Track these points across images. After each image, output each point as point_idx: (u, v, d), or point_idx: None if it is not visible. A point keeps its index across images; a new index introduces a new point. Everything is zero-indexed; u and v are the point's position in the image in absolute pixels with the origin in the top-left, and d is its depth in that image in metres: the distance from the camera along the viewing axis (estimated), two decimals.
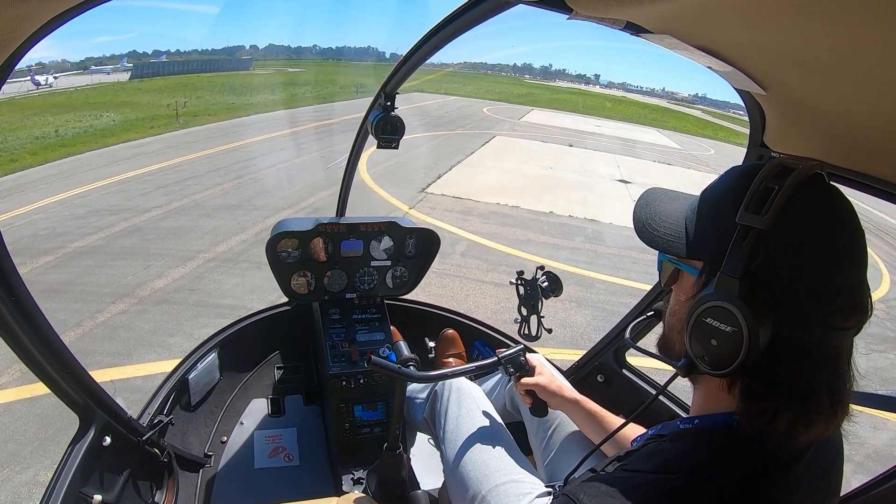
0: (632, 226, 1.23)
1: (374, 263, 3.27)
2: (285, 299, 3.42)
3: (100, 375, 5.23)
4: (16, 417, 4.88)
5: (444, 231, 10.81)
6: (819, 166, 1.00)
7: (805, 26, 0.85)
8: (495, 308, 7.77)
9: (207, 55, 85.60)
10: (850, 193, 1.08)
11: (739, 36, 1.06)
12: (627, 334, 1.55)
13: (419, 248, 3.35)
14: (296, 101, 37.37)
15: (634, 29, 1.20)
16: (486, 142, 25.27)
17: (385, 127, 2.53)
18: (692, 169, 27.82)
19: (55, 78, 44.30)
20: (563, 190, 16.89)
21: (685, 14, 1.02)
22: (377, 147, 2.58)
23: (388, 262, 3.30)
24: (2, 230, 1.45)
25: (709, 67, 1.35)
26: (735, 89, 1.56)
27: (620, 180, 20.49)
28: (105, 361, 5.76)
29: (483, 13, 1.56)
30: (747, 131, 1.90)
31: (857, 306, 0.96)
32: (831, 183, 1.02)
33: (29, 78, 41.24)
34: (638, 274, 9.93)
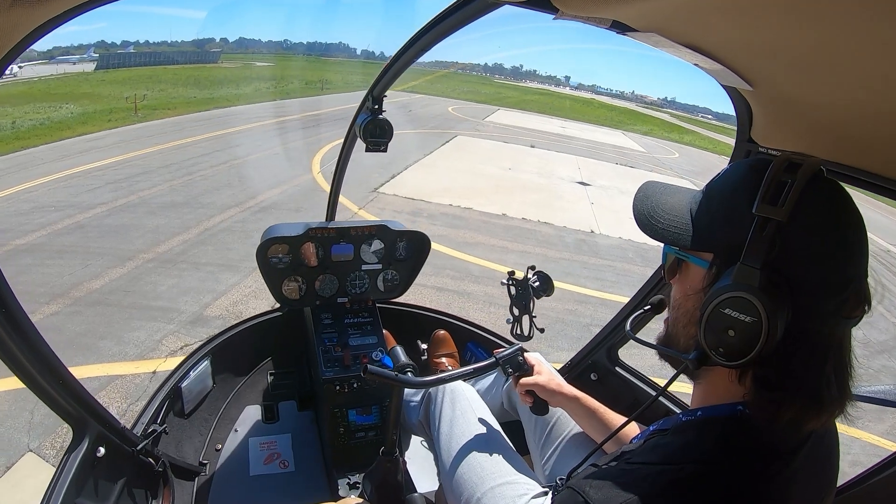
0: (584, 230, 1.21)
1: (364, 267, 3.26)
2: (277, 305, 3.39)
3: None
4: None
5: None
6: (820, 163, 1.03)
7: (791, 22, 0.87)
8: None
9: (176, 47, 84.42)
10: None
11: (726, 33, 1.08)
12: (628, 327, 1.53)
13: (410, 250, 3.35)
14: (259, 96, 37.07)
15: (620, 28, 1.21)
16: (447, 141, 25.13)
17: (374, 130, 2.54)
18: (654, 172, 27.95)
19: (20, 67, 43.33)
20: (520, 192, 16.85)
21: (671, 12, 1.04)
22: (366, 150, 2.59)
23: (379, 266, 3.29)
24: None
25: (695, 65, 1.36)
26: (722, 86, 1.58)
27: (580, 182, 20.49)
28: None
29: (470, 14, 1.55)
30: (713, 135, 1.85)
31: (862, 296, 1.00)
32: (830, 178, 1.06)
33: None
34: (587, 279, 9.92)
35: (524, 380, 2.11)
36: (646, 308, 1.50)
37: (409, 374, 2.10)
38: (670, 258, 1.22)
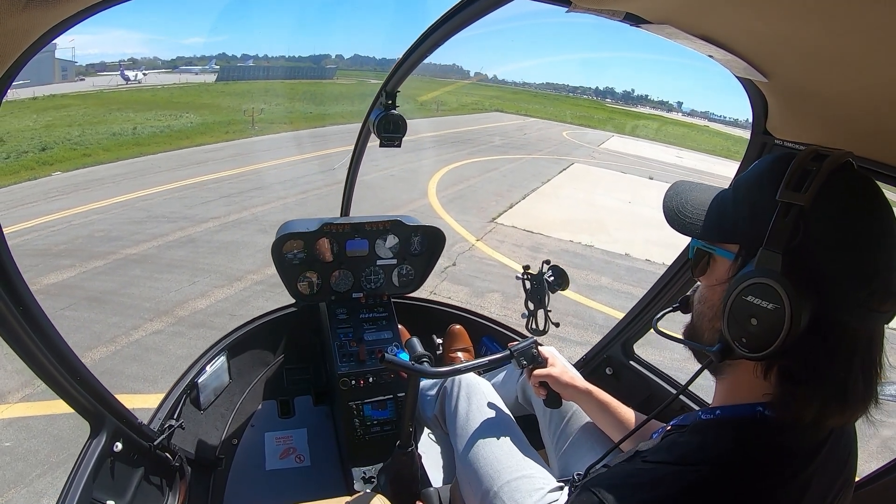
0: None
1: (379, 262, 3.31)
2: (293, 300, 3.42)
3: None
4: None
5: (511, 270, 10.11)
6: (849, 155, 0.99)
7: (805, 13, 0.88)
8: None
9: (294, 62, 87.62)
10: None
11: (739, 24, 1.09)
12: (656, 326, 1.46)
13: (424, 245, 3.39)
14: None
15: (634, 20, 1.22)
16: (564, 169, 24.38)
17: (387, 125, 2.56)
18: None
19: (144, 74, 46.02)
20: (642, 228, 15.65)
21: (684, 3, 1.06)
22: (380, 146, 2.61)
23: (394, 261, 3.34)
24: (59, 228, 1.01)
25: (710, 56, 1.37)
26: (736, 77, 1.60)
27: None
28: (129, 386, 5.45)
29: (481, 9, 1.59)
30: None
31: (893, 290, 0.93)
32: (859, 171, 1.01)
33: (119, 72, 42.86)
34: None
35: (537, 371, 2.12)
36: (675, 306, 1.41)
37: (425, 364, 2.10)
38: (697, 253, 1.18)
